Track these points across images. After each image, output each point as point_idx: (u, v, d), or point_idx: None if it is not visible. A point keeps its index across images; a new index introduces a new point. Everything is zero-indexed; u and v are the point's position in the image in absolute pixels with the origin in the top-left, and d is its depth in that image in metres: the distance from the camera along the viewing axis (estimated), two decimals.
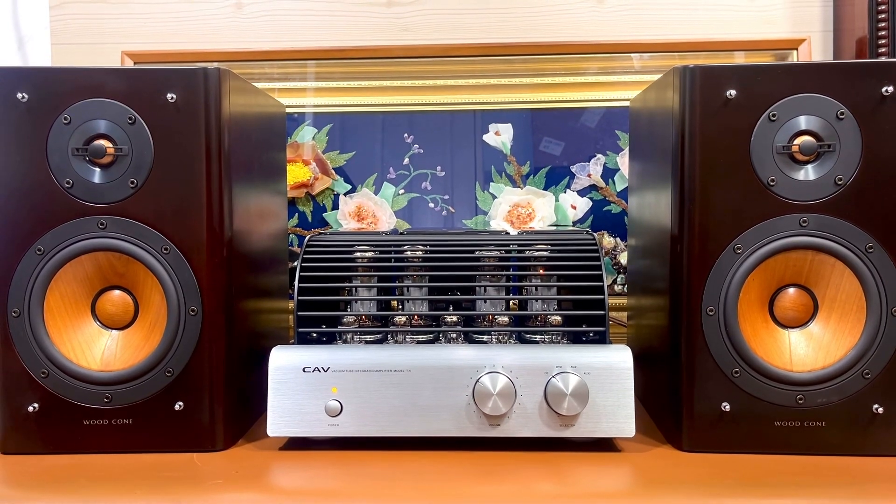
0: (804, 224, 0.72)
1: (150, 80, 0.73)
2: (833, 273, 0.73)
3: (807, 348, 0.74)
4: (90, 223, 0.74)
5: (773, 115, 0.72)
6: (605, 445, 0.75)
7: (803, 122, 0.72)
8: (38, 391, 0.74)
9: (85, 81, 0.74)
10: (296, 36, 1.15)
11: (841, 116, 0.72)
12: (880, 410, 0.72)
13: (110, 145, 0.74)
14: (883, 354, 0.72)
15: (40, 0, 1.18)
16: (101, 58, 1.15)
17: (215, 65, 0.75)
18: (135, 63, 1.11)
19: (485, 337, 0.80)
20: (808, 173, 0.73)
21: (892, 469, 0.70)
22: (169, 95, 0.73)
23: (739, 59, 1.10)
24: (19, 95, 0.73)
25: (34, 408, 0.74)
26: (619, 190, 1.11)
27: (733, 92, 0.72)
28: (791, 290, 0.74)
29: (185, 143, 0.74)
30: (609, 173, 1.12)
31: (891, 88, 0.71)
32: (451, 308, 0.83)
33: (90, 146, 0.73)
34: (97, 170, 0.74)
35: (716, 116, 0.72)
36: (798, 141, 0.72)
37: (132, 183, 0.74)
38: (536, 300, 0.82)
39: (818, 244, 0.72)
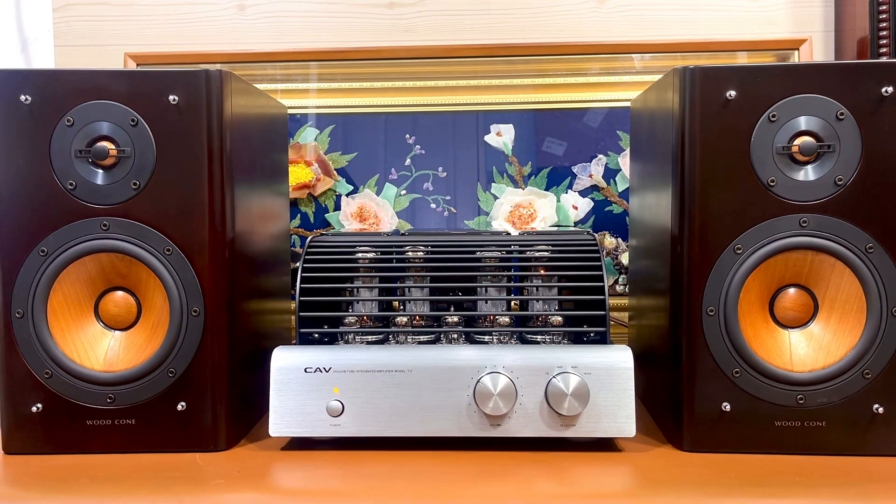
0: (804, 224, 0.72)
1: (152, 81, 0.74)
2: (833, 273, 0.73)
3: (807, 348, 0.74)
4: (93, 224, 0.74)
5: (773, 116, 0.72)
6: (605, 445, 0.75)
7: (803, 122, 0.72)
8: (41, 392, 0.74)
9: (88, 83, 0.74)
10: (298, 37, 1.16)
11: (841, 117, 0.72)
12: (881, 410, 0.72)
13: (113, 147, 0.74)
14: (883, 354, 0.72)
15: (44, 2, 1.19)
16: (104, 60, 1.15)
17: (217, 66, 0.76)
18: (137, 65, 1.11)
19: (486, 337, 0.80)
20: (807, 174, 0.73)
21: (892, 469, 0.70)
22: (171, 97, 0.73)
23: (741, 59, 1.09)
24: (23, 97, 0.74)
25: (37, 408, 0.74)
26: (620, 190, 1.11)
27: (733, 92, 0.72)
28: (791, 291, 0.75)
29: (187, 145, 0.74)
30: (611, 174, 1.12)
31: (890, 89, 0.71)
32: (452, 308, 0.83)
33: (93, 148, 0.74)
34: (100, 171, 0.74)
35: (716, 117, 0.72)
36: (798, 141, 0.72)
37: (135, 184, 0.74)
38: (537, 300, 0.82)
39: (818, 244, 0.72)
